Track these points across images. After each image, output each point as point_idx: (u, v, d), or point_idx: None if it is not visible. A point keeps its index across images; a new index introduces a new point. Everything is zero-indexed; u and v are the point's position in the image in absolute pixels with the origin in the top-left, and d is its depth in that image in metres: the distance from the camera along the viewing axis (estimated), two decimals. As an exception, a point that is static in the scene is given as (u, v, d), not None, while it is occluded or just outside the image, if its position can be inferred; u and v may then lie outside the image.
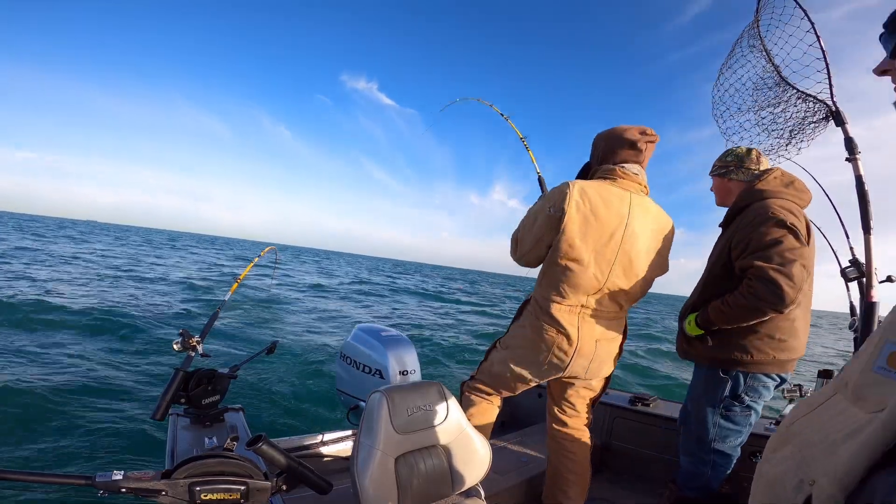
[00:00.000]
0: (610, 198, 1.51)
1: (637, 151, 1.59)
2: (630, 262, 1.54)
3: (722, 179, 1.79)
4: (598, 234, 1.49)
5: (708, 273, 1.71)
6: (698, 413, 1.72)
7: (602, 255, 1.50)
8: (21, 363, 5.23)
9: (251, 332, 8.30)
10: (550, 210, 1.51)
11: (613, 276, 1.53)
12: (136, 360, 5.78)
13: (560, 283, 1.53)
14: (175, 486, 0.90)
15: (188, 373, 1.68)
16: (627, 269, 1.54)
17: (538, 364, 1.60)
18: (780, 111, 2.01)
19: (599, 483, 2.23)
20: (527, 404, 2.93)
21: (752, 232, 1.50)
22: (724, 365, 1.63)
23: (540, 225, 1.54)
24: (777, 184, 1.62)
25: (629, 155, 1.59)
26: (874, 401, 0.47)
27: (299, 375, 5.67)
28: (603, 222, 1.49)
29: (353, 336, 2.24)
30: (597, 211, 1.48)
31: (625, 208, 1.51)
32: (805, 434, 0.55)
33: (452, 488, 1.34)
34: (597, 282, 1.52)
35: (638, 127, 1.59)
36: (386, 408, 1.27)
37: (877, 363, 0.49)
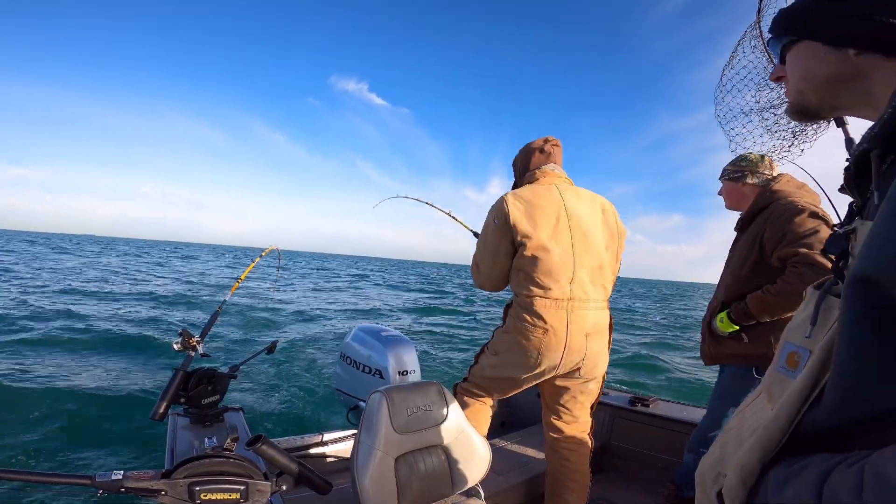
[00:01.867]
0: (539, 191, 1.65)
1: (546, 154, 1.77)
2: (585, 235, 1.62)
3: (735, 184, 1.81)
4: (545, 220, 1.59)
5: (733, 275, 1.71)
6: (718, 412, 1.71)
7: (558, 236, 1.58)
8: (21, 363, 5.24)
9: (251, 332, 8.31)
10: (496, 222, 1.62)
11: (578, 253, 1.59)
12: (136, 360, 5.78)
13: (534, 275, 1.55)
14: (175, 485, 0.90)
15: (188, 373, 1.68)
16: (587, 243, 1.62)
17: (529, 367, 1.59)
18: (781, 112, 2.01)
19: (599, 483, 2.23)
20: (527, 404, 2.93)
21: (786, 224, 1.53)
22: (758, 362, 1.63)
23: (492, 238, 1.64)
24: (791, 186, 1.68)
25: (541, 159, 1.77)
26: (776, 398, 0.49)
27: (299, 375, 5.67)
28: (544, 210, 1.60)
29: (353, 336, 2.24)
30: (533, 202, 1.61)
31: (556, 195, 1.64)
32: (731, 430, 0.57)
33: (452, 488, 1.34)
34: (566, 262, 1.57)
35: (541, 138, 1.81)
36: (386, 408, 1.27)
37: (779, 363, 0.52)
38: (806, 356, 0.46)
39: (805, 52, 0.52)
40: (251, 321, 9.41)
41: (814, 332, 0.46)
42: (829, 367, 0.41)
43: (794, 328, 0.52)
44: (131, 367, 5.45)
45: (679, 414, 2.30)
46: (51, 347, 5.96)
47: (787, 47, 0.55)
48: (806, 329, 0.48)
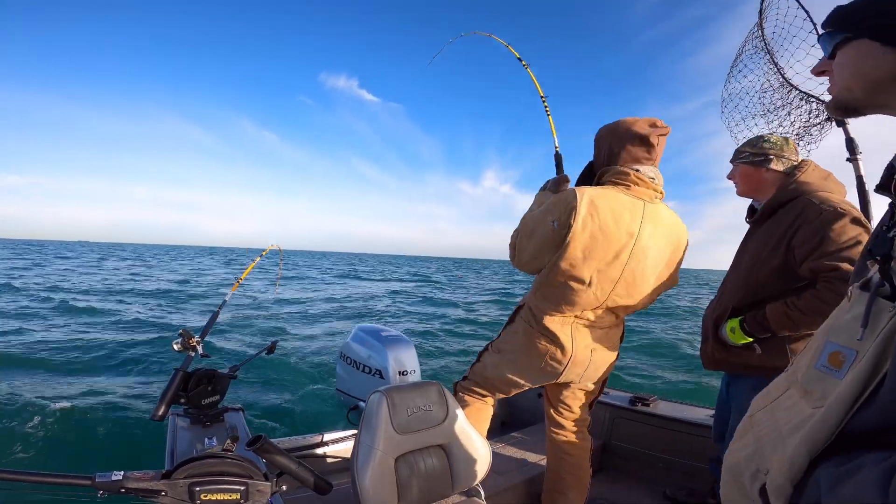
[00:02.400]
0: (621, 211, 1.36)
1: (650, 148, 1.42)
2: (634, 279, 1.43)
3: (755, 168, 1.58)
4: (604, 253, 1.37)
5: (752, 274, 1.52)
6: None
7: (605, 274, 1.40)
8: (22, 364, 5.23)
9: (251, 333, 8.31)
10: (554, 224, 1.36)
11: (615, 295, 1.44)
12: (136, 360, 5.78)
13: (557, 299, 1.47)
14: (175, 486, 0.89)
15: (188, 373, 1.68)
16: (631, 287, 1.45)
17: (532, 371, 1.57)
18: (785, 114, 2.01)
19: (599, 483, 2.23)
20: (527, 404, 2.93)
21: (824, 229, 1.33)
22: (777, 373, 1.50)
23: (541, 238, 1.41)
24: (817, 176, 1.47)
25: (641, 153, 1.42)
26: (817, 396, 0.50)
27: (299, 375, 5.67)
28: (611, 240, 1.35)
29: (353, 336, 2.24)
30: (606, 228, 1.34)
31: (636, 223, 1.38)
32: (762, 425, 0.58)
33: (452, 488, 1.34)
34: (596, 300, 1.44)
35: (647, 119, 1.43)
36: (386, 408, 1.26)
37: (819, 361, 0.52)
38: (852, 357, 0.47)
39: (860, 51, 0.52)
40: (251, 321, 9.41)
41: (865, 334, 0.47)
42: (881, 370, 0.42)
43: (838, 328, 0.52)
44: (131, 367, 5.45)
45: (679, 413, 2.30)
46: (51, 348, 5.96)
47: (839, 44, 0.55)
48: (855, 331, 0.48)
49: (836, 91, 0.57)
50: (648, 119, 1.44)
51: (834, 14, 0.55)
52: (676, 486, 2.11)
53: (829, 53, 0.57)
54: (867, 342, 0.46)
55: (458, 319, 11.99)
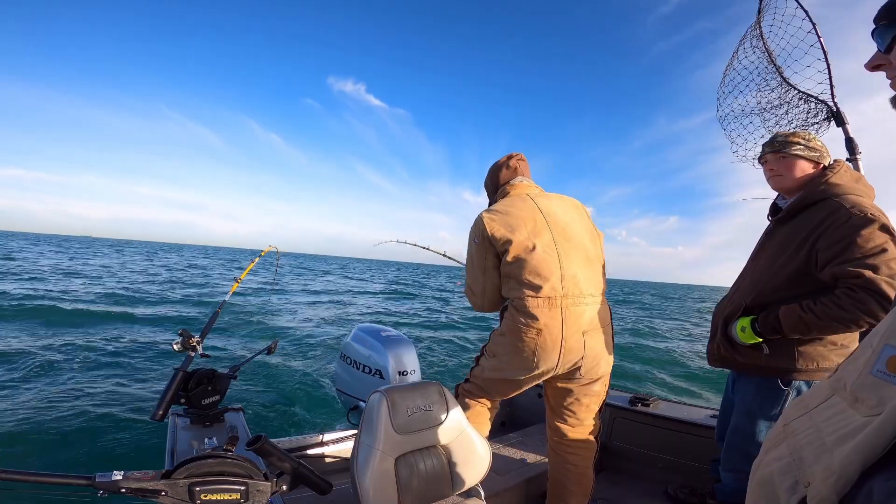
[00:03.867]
0: (514, 202, 1.68)
1: (511, 169, 1.81)
2: (564, 230, 1.62)
3: (811, 164, 1.50)
4: (522, 224, 1.60)
5: (765, 279, 1.50)
6: (749, 427, 1.55)
7: (538, 235, 1.59)
8: (21, 364, 5.23)
9: (251, 332, 8.31)
10: (476, 241, 1.64)
11: (561, 248, 1.59)
12: (136, 360, 5.78)
13: (522, 276, 1.55)
14: (175, 486, 0.90)
15: (188, 373, 1.68)
16: (568, 237, 1.62)
17: (527, 368, 1.56)
18: (783, 112, 2.01)
19: (599, 483, 2.23)
20: (527, 404, 2.93)
21: (850, 234, 1.30)
22: (782, 374, 1.47)
23: (477, 256, 1.65)
24: (849, 178, 1.44)
25: (508, 175, 1.81)
26: (871, 403, 0.47)
27: (299, 375, 5.67)
28: (520, 215, 1.62)
29: (353, 336, 2.24)
30: (508, 212, 1.63)
31: (529, 202, 1.67)
32: (800, 434, 0.55)
33: (452, 488, 1.34)
34: (551, 257, 1.56)
35: (505, 155, 1.86)
36: (386, 408, 1.26)
37: (875, 366, 0.49)
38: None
39: None
40: (251, 321, 9.41)
41: None
42: None
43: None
44: (131, 367, 5.45)
45: (679, 414, 2.30)
46: (51, 347, 5.96)
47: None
48: None
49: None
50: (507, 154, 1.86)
51: (889, 5, 0.53)
52: (678, 484, 2.11)
53: (884, 47, 0.54)
54: None
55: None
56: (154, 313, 9.58)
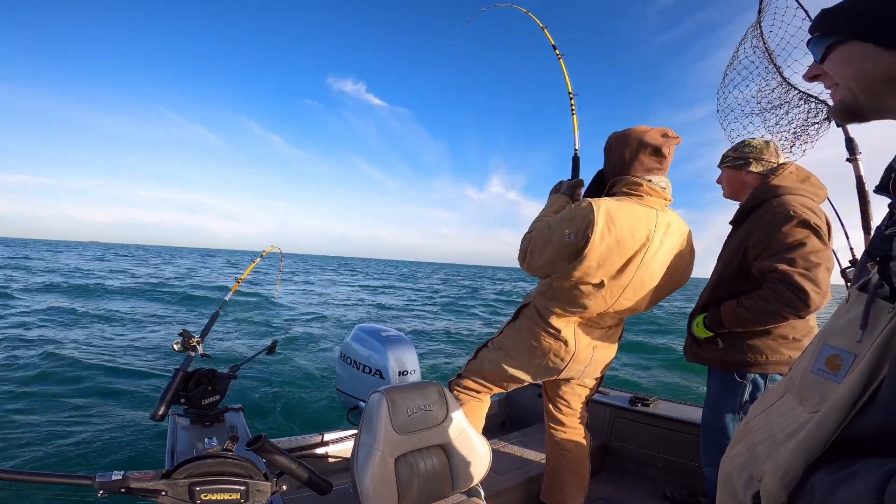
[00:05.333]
0: (637, 223, 1.37)
1: (661, 158, 1.41)
2: (643, 284, 1.44)
3: (737, 171, 1.68)
4: (617, 261, 1.37)
5: (720, 273, 1.65)
6: (717, 421, 1.66)
7: (615, 281, 1.40)
8: (21, 364, 5.24)
9: (251, 333, 8.31)
10: (570, 237, 1.36)
11: (623, 299, 1.46)
12: (136, 360, 5.78)
13: (566, 301, 1.49)
14: (175, 486, 0.90)
15: (188, 373, 1.68)
16: (639, 291, 1.46)
17: (533, 367, 1.61)
18: (783, 113, 2.01)
19: (599, 483, 2.23)
20: (527, 404, 2.93)
21: (773, 231, 1.43)
22: (737, 367, 1.59)
23: (556, 248, 1.40)
24: (793, 179, 1.54)
25: (653, 163, 1.42)
26: (814, 401, 0.49)
27: (299, 375, 5.67)
28: (625, 250, 1.36)
29: (353, 336, 2.24)
30: (622, 240, 1.35)
31: (649, 231, 1.38)
32: (756, 432, 0.57)
33: (452, 488, 1.34)
34: (604, 304, 1.46)
35: (658, 129, 1.43)
36: (386, 408, 1.27)
37: (816, 365, 0.51)
38: (850, 360, 0.46)
39: (855, 53, 0.51)
40: (252, 321, 9.41)
41: (864, 336, 0.46)
42: (881, 373, 0.41)
43: (836, 330, 0.51)
44: (131, 367, 5.45)
45: (679, 414, 2.30)
46: (50, 347, 5.96)
47: (831, 47, 0.53)
48: (854, 333, 0.47)
49: (838, 95, 0.55)
50: (660, 129, 1.43)
51: (822, 16, 0.54)
52: (676, 486, 2.11)
53: (819, 58, 0.56)
54: (866, 344, 0.45)
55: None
56: (154, 313, 9.58)
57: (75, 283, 14.06)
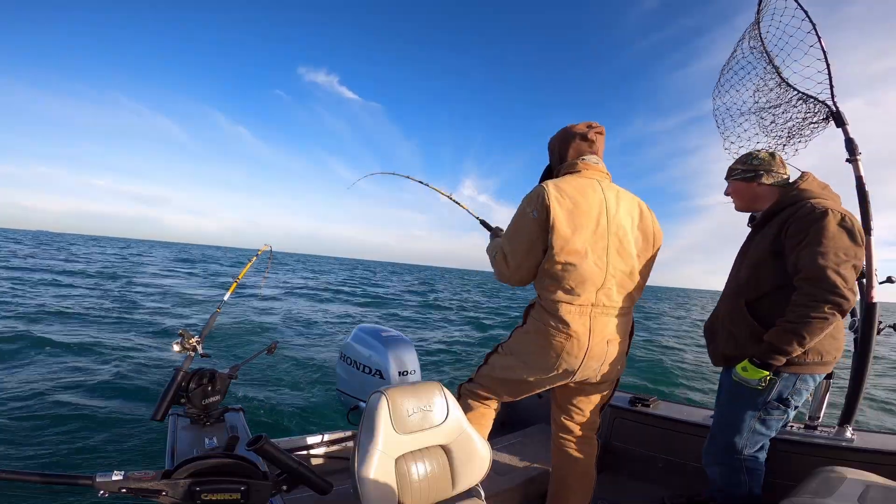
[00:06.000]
0: (583, 188, 1.52)
1: (590, 142, 1.63)
2: (621, 242, 1.53)
3: (748, 184, 1.71)
4: (586, 223, 1.48)
5: (755, 270, 1.61)
6: (734, 417, 1.63)
7: (595, 243, 1.49)
8: (21, 364, 5.24)
9: (251, 333, 8.31)
10: (533, 213, 1.48)
11: (612, 261, 1.51)
12: (136, 360, 5.78)
13: (564, 281, 1.47)
14: (175, 486, 0.90)
15: (188, 373, 1.68)
16: (621, 250, 1.53)
17: (547, 369, 1.54)
18: (780, 112, 2.02)
19: (599, 483, 2.22)
20: (527, 404, 2.93)
21: (810, 224, 1.45)
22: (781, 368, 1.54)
23: (528, 230, 1.49)
24: (817, 186, 1.60)
25: (584, 147, 1.63)
26: None
27: (299, 376, 5.67)
28: (585, 211, 1.49)
29: (353, 336, 2.24)
30: (577, 202, 1.49)
31: (599, 194, 1.54)
32: None
33: (452, 488, 1.34)
34: (599, 270, 1.48)
35: (584, 122, 1.67)
36: (386, 408, 1.27)
37: None
38: None
39: None
40: (251, 321, 9.41)
41: None
42: None
43: None
44: (131, 367, 5.44)
45: (679, 414, 2.30)
46: (50, 347, 5.96)
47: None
48: None
49: None
50: (586, 122, 1.67)
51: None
52: (675, 492, 2.11)
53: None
54: None
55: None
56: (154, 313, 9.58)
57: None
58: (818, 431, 1.87)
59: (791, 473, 1.59)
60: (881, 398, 6.57)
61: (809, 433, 1.87)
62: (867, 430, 1.90)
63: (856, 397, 1.83)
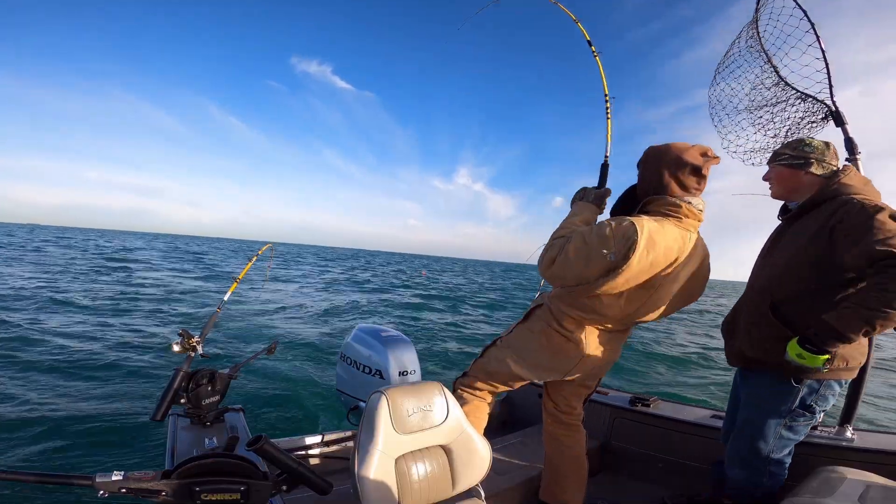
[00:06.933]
0: (672, 245, 1.37)
1: (701, 178, 1.40)
2: (661, 299, 1.47)
3: (794, 171, 1.57)
4: (654, 276, 1.39)
5: (791, 266, 1.50)
6: (759, 424, 1.59)
7: (636, 295, 1.43)
8: (22, 364, 5.24)
9: (251, 333, 8.31)
10: (610, 257, 1.33)
11: (639, 311, 1.49)
12: (136, 360, 5.78)
13: (584, 307, 1.50)
14: (175, 486, 0.90)
15: (188, 373, 1.68)
16: (656, 305, 1.48)
17: (542, 367, 1.63)
18: (777, 111, 2.01)
19: (599, 483, 2.23)
20: (527, 404, 2.93)
21: (866, 220, 1.33)
22: (798, 373, 1.49)
23: (594, 266, 1.36)
24: (859, 181, 1.50)
25: (692, 183, 1.40)
26: None
27: (299, 376, 5.67)
28: (656, 269, 1.38)
29: (354, 336, 2.24)
30: (656, 262, 1.35)
31: (680, 253, 1.39)
32: None
33: (452, 488, 1.35)
34: (621, 312, 1.48)
35: (698, 147, 1.41)
36: (386, 408, 1.27)
37: None
38: None
39: None
40: (251, 321, 9.41)
41: None
42: None
43: None
44: (131, 367, 5.44)
45: (679, 414, 2.30)
46: (50, 348, 5.96)
47: None
48: None
49: None
50: (700, 147, 1.41)
51: None
52: (676, 492, 2.11)
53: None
54: None
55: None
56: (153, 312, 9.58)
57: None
58: (818, 431, 1.87)
59: (791, 473, 1.59)
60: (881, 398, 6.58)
61: (810, 433, 1.88)
62: (867, 430, 1.90)
63: (856, 397, 1.83)
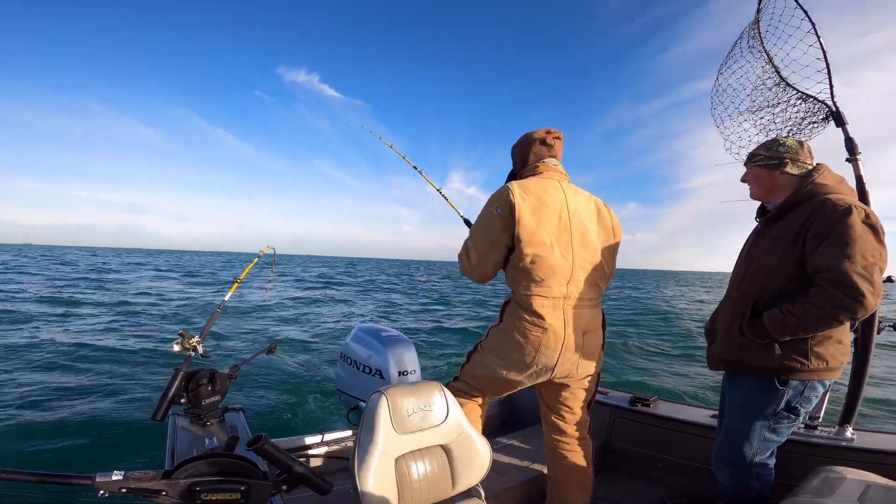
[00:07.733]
0: (545, 186, 1.63)
1: (548, 147, 1.75)
2: (583, 235, 1.62)
3: (770, 171, 1.60)
4: (550, 217, 1.57)
5: (770, 272, 1.51)
6: (743, 427, 1.59)
7: (559, 236, 1.57)
8: (21, 364, 5.24)
9: (251, 333, 8.31)
10: (498, 211, 1.57)
11: (577, 253, 1.58)
12: (136, 360, 5.78)
13: (534, 273, 1.53)
14: (175, 486, 0.90)
15: (188, 373, 1.68)
16: (585, 243, 1.62)
17: (525, 366, 1.56)
18: (778, 111, 2.01)
19: (599, 483, 2.23)
20: (527, 404, 2.93)
21: (834, 223, 1.35)
22: (782, 374, 1.49)
23: (492, 227, 1.58)
24: (833, 180, 1.50)
25: (543, 151, 1.74)
26: None
27: (299, 375, 5.68)
28: (548, 206, 1.58)
29: (353, 336, 2.24)
30: (540, 199, 1.58)
31: (560, 193, 1.63)
32: None
33: (452, 488, 1.35)
34: (566, 261, 1.56)
35: (543, 129, 1.78)
36: (386, 408, 1.27)
37: None
38: None
39: None
40: (251, 322, 9.41)
41: None
42: None
43: None
44: (131, 367, 5.45)
45: (679, 414, 2.30)
46: (50, 348, 5.96)
47: None
48: None
49: None
50: (544, 128, 1.78)
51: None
52: (676, 492, 2.10)
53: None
54: None
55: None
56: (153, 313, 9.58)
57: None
58: (818, 431, 1.86)
59: (791, 473, 1.59)
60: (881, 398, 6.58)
61: (809, 433, 1.87)
62: (867, 430, 1.90)
63: (856, 397, 1.82)
